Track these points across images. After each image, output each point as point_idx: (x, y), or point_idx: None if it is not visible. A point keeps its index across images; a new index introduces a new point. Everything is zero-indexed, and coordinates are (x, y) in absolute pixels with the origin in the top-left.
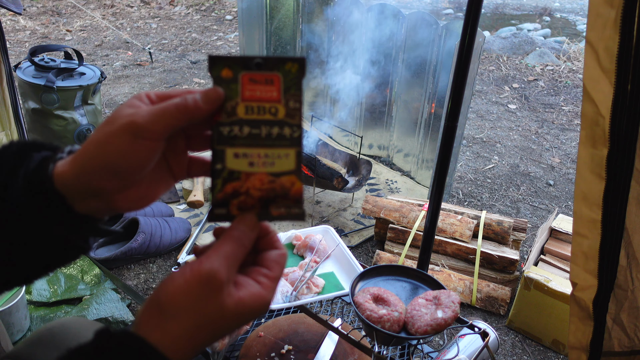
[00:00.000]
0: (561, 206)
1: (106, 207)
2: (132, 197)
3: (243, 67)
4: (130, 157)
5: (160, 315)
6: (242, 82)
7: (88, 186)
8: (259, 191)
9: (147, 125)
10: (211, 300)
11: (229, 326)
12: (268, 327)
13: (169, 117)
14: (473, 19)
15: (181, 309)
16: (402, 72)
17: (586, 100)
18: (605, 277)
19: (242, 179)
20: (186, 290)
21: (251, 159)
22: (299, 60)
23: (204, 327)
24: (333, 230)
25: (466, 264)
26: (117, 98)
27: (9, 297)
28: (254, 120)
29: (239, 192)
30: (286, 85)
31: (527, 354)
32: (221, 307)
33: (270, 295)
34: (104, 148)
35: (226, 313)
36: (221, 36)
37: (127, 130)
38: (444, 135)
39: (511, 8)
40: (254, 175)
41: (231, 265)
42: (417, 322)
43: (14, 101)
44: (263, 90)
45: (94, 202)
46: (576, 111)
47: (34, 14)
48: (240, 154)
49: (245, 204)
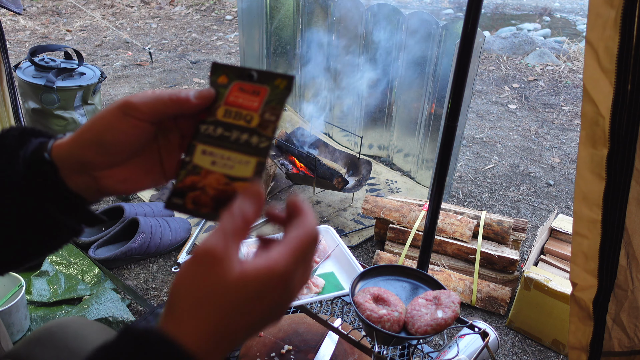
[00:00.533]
0: (561, 206)
1: (93, 184)
2: (116, 177)
3: (238, 76)
4: (117, 133)
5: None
6: (231, 89)
7: (78, 158)
8: (214, 190)
9: (138, 106)
10: (208, 276)
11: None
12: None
13: (159, 103)
14: (473, 19)
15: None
16: (402, 72)
17: (586, 100)
18: (605, 277)
19: (202, 175)
20: (184, 273)
21: (214, 158)
22: (288, 78)
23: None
24: (333, 230)
25: (466, 264)
26: (117, 98)
27: (9, 297)
28: (229, 124)
29: (196, 186)
30: (269, 98)
31: (527, 354)
32: (221, 280)
33: (279, 266)
34: (96, 122)
35: (230, 287)
36: (221, 36)
37: (120, 108)
38: (444, 135)
39: (511, 8)
40: (213, 174)
41: (230, 239)
42: (417, 322)
43: (14, 101)
44: (247, 99)
45: (82, 178)
46: (576, 111)
47: (34, 14)
48: (207, 151)
49: (199, 200)
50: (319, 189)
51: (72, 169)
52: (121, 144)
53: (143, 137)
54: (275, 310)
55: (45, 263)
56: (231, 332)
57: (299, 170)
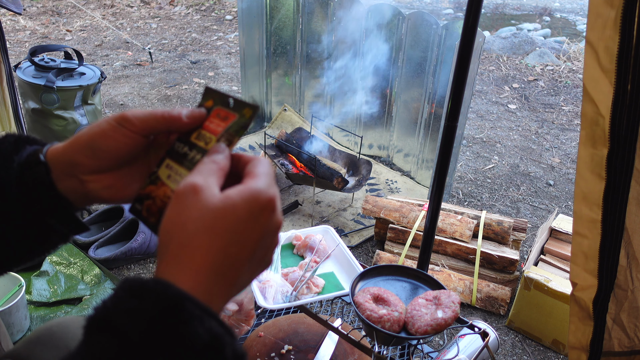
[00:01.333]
0: (561, 206)
1: (80, 188)
2: (102, 183)
3: (220, 102)
4: (109, 140)
5: (161, 251)
6: (212, 113)
7: (70, 158)
8: (162, 202)
9: (132, 119)
10: (194, 205)
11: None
12: (268, 327)
13: (152, 118)
14: (473, 19)
15: (171, 231)
16: (402, 72)
17: (586, 100)
18: (605, 277)
19: (158, 185)
20: (169, 214)
21: (171, 173)
22: (254, 108)
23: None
24: (333, 230)
25: (466, 264)
26: (117, 98)
27: (9, 297)
28: (193, 144)
29: (150, 196)
30: (232, 125)
31: (527, 354)
32: (208, 205)
33: (259, 185)
34: (92, 128)
35: (218, 211)
36: (221, 36)
37: (116, 119)
38: (444, 135)
39: (511, 8)
40: (164, 186)
41: (206, 176)
42: (417, 322)
43: (14, 101)
44: (217, 123)
45: (71, 181)
46: (576, 111)
47: (34, 14)
48: (169, 165)
49: (151, 209)
50: (319, 189)
51: (63, 170)
52: (111, 151)
53: (133, 147)
54: (269, 238)
55: (45, 263)
56: (229, 265)
57: (299, 170)
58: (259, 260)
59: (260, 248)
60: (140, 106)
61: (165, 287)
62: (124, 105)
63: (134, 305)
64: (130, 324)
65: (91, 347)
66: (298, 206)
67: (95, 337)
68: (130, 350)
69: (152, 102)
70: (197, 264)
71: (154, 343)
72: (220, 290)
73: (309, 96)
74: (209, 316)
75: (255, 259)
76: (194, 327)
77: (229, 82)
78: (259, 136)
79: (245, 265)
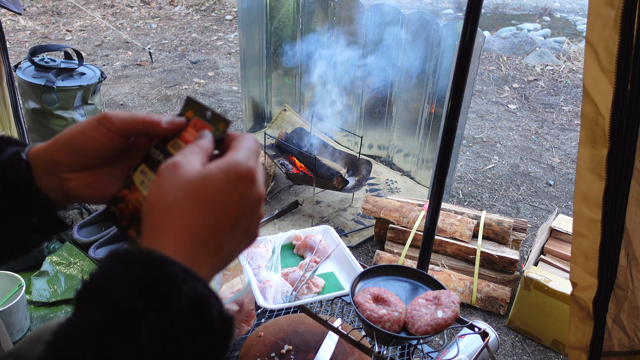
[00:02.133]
0: (561, 206)
1: (59, 186)
2: (81, 181)
3: (199, 114)
4: (88, 138)
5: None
6: (190, 124)
7: (50, 156)
8: (134, 207)
9: (112, 119)
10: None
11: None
12: (268, 327)
13: (132, 120)
14: (473, 19)
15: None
16: (402, 72)
17: (586, 100)
18: (605, 277)
19: (132, 190)
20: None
21: (144, 178)
22: (227, 123)
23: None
24: (333, 230)
25: (466, 264)
26: (117, 98)
27: (9, 297)
28: (168, 152)
29: (124, 199)
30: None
31: (527, 354)
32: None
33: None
34: (73, 128)
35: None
36: (221, 36)
37: (97, 118)
38: (444, 135)
39: (511, 8)
40: (137, 192)
41: (187, 154)
42: (417, 322)
43: (14, 101)
44: (192, 134)
45: (51, 179)
46: (576, 111)
47: (34, 14)
48: (144, 171)
49: (123, 212)
50: (319, 189)
51: (43, 169)
52: (89, 149)
53: (112, 147)
54: (250, 209)
55: (45, 263)
56: (211, 231)
57: (299, 170)
58: (244, 231)
59: (243, 217)
60: (140, 106)
61: (148, 254)
62: (124, 105)
63: (119, 269)
64: (116, 286)
65: (81, 312)
66: (298, 206)
67: (85, 303)
68: (118, 312)
69: (152, 102)
70: (178, 230)
71: (141, 303)
72: (205, 257)
73: (309, 96)
74: (193, 278)
75: (238, 229)
76: (178, 286)
77: (229, 82)
78: (259, 136)
79: (227, 234)
